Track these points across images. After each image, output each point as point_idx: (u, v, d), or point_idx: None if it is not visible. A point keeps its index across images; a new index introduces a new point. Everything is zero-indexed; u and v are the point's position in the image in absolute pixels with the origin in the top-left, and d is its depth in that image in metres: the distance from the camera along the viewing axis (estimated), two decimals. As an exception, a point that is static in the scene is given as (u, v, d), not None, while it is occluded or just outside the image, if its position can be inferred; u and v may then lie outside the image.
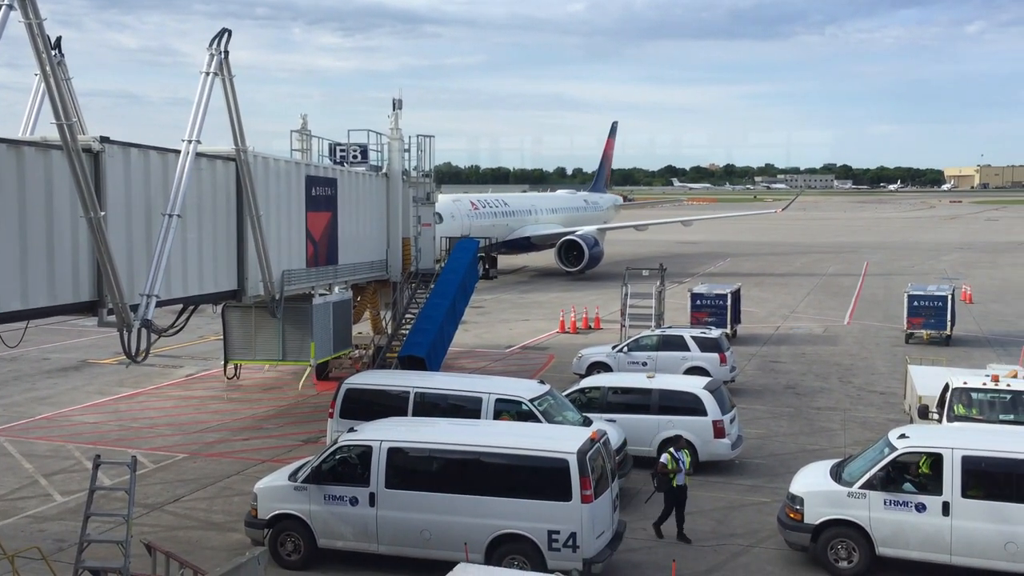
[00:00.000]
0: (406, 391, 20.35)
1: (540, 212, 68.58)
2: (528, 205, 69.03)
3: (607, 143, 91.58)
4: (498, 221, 61.55)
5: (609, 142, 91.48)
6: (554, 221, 68.48)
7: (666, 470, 17.16)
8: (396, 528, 15.57)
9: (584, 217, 73.96)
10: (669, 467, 17.15)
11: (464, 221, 55.93)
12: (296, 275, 24.97)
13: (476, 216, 58.62)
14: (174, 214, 18.41)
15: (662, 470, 17.22)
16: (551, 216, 69.34)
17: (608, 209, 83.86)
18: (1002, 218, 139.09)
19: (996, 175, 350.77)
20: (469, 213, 57.94)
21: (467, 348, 35.65)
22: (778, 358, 34.26)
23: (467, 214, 57.46)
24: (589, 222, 71.13)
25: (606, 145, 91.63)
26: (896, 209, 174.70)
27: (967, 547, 15.17)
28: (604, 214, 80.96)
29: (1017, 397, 19.93)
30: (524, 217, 65.44)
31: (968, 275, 59.46)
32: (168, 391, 29.25)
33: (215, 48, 19.75)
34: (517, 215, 64.62)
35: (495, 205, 63.30)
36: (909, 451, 15.85)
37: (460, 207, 57.43)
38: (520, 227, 64.02)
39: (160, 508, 18.88)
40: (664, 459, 17.29)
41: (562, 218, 70.24)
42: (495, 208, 62.69)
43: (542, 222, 67.13)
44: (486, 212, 60.84)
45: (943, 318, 36.02)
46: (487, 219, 60.10)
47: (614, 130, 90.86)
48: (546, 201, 76.21)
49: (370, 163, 30.48)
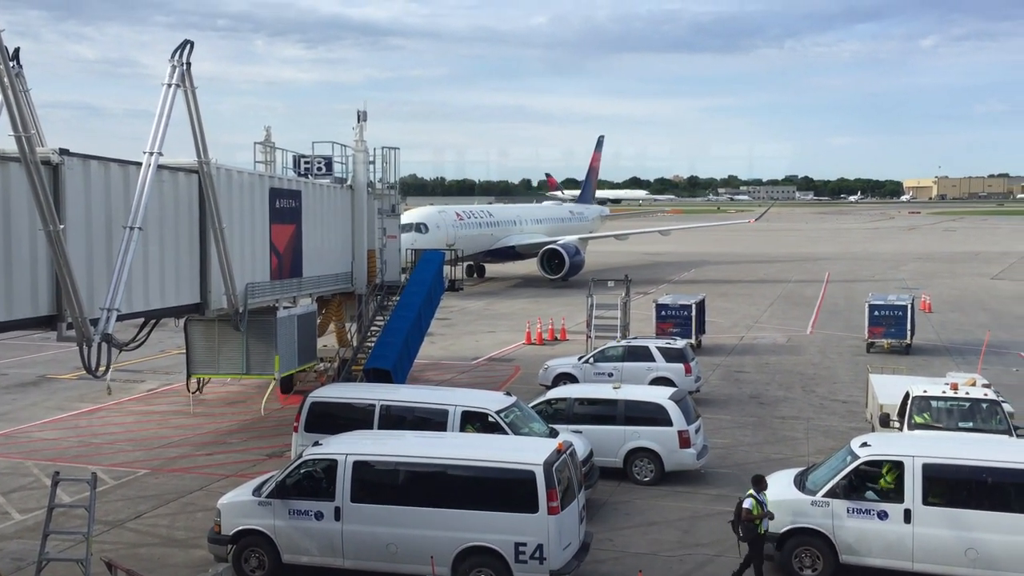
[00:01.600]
0: (372, 404, 20.25)
1: (525, 222, 70.60)
2: (513, 216, 71.05)
3: (593, 156, 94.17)
4: (483, 231, 63.60)
5: (595, 155, 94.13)
6: (539, 231, 70.34)
7: (751, 516, 15.45)
8: (362, 542, 15.46)
9: (569, 227, 75.94)
10: (755, 512, 15.47)
11: (449, 231, 57.34)
12: (260, 288, 24.79)
13: (461, 226, 60.21)
14: (135, 227, 18.22)
15: (747, 517, 15.45)
16: (536, 226, 71.24)
17: (594, 219, 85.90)
18: (959, 229, 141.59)
19: (953, 186, 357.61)
20: (454, 223, 59.46)
21: (433, 360, 35.56)
22: (742, 368, 34.55)
23: (452, 224, 58.98)
24: (574, 232, 73.25)
25: (592, 158, 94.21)
26: (856, 220, 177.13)
27: (928, 554, 15.37)
28: (590, 224, 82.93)
29: (975, 405, 20.26)
30: (509, 227, 67.36)
31: (927, 285, 60.42)
32: (129, 406, 28.84)
33: (177, 60, 19.62)
34: (502, 225, 66.56)
35: (480, 216, 65.25)
36: (871, 459, 16.05)
37: (445, 218, 59.00)
38: (505, 237, 65.83)
39: (121, 525, 18.58)
40: (749, 504, 15.53)
41: (547, 228, 72.10)
42: (480, 219, 64.58)
43: (527, 232, 69.04)
44: (471, 223, 62.57)
45: (903, 327, 36.55)
46: (472, 229, 62.04)
47: (600, 143, 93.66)
48: (531, 212, 78.09)
49: (335, 175, 30.37)
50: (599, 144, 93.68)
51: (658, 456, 21.01)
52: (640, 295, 49.64)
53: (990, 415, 19.99)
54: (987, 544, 15.05)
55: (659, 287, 58.18)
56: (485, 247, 63.88)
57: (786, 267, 76.88)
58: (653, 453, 21.04)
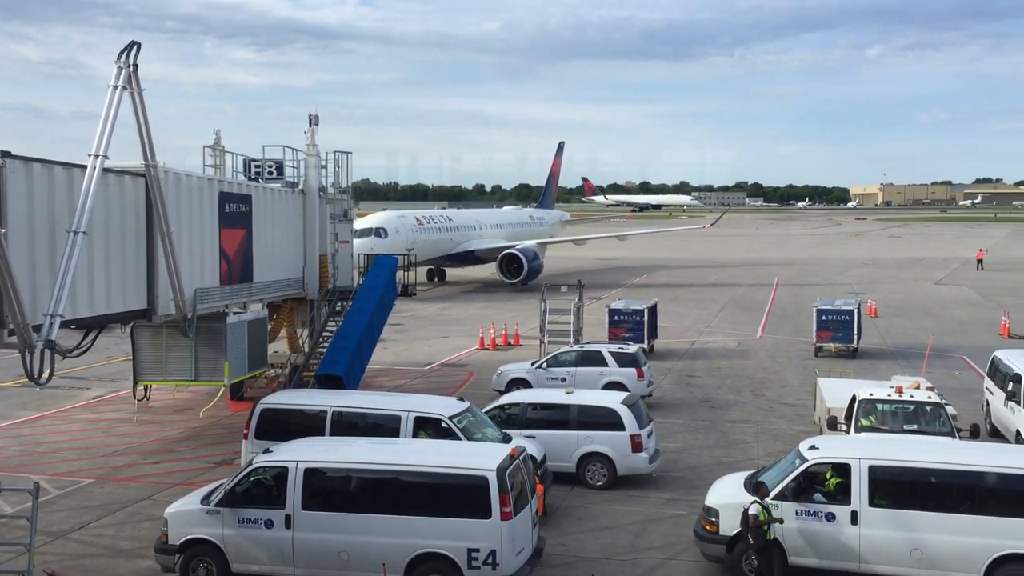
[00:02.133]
0: (323, 410, 20.07)
1: (485, 227, 71.33)
2: (473, 220, 71.76)
3: (554, 161, 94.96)
4: (443, 236, 64.26)
5: (556, 160, 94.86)
6: (499, 236, 71.00)
7: (759, 522, 15.28)
8: (313, 550, 15.31)
9: (529, 232, 76.48)
10: (762, 518, 15.31)
11: (409, 236, 57.76)
12: (209, 293, 24.45)
13: (421, 231, 60.95)
14: (80, 231, 17.85)
15: (755, 523, 15.26)
16: (496, 231, 72.00)
17: (554, 225, 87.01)
18: (904, 235, 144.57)
19: (899, 193, 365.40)
20: (414, 228, 60.18)
21: (386, 366, 35.36)
22: (694, 372, 34.87)
23: (412, 229, 59.75)
24: (534, 237, 73.82)
25: (552, 163, 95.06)
26: (805, 226, 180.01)
27: (875, 555, 15.63)
28: (550, 229, 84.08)
29: (919, 408, 20.68)
30: (468, 232, 67.96)
31: (873, 290, 61.54)
32: (74, 414, 28.24)
33: (123, 61, 19.29)
34: (462, 230, 67.20)
35: (440, 221, 66.07)
36: (819, 462, 16.28)
37: (405, 222, 59.76)
38: (465, 241, 66.50)
39: (65, 536, 18.18)
40: (755, 510, 15.31)
41: (506, 233, 72.74)
42: (440, 223, 65.37)
43: (487, 237, 69.66)
44: (431, 227, 63.30)
45: (850, 332, 37.17)
46: (432, 234, 62.71)
47: (560, 149, 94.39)
48: (491, 217, 79.09)
49: (286, 179, 30.06)
50: (559, 150, 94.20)
51: (611, 460, 21.11)
52: (593, 300, 49.87)
53: (934, 418, 20.42)
54: (931, 544, 15.35)
55: (612, 292, 58.52)
56: (445, 251, 64.51)
57: (736, 272, 77.81)
58: (606, 457, 21.14)
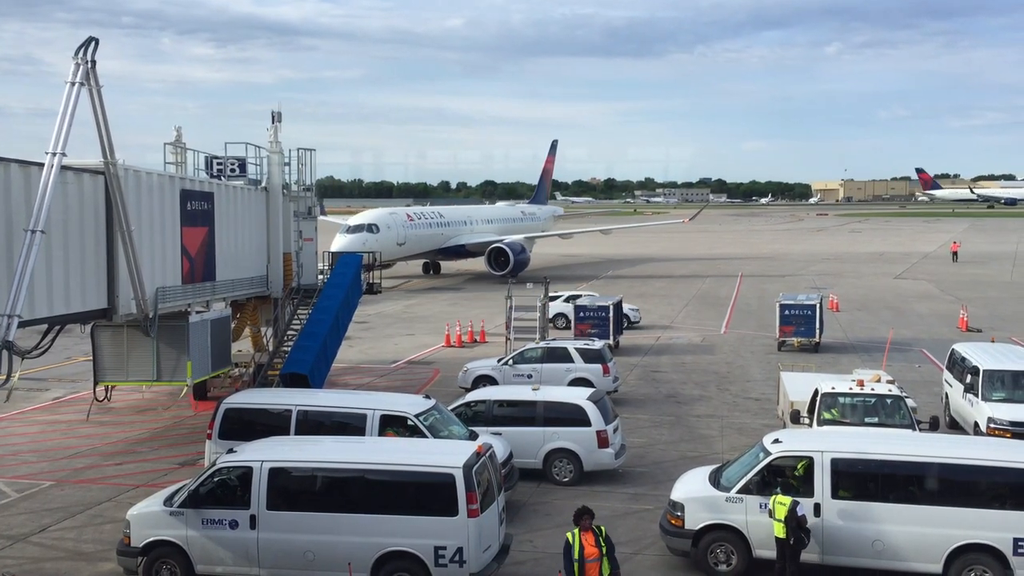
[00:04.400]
0: (288, 410, 19.96)
1: (475, 223, 74.51)
2: (464, 216, 75.32)
3: (547, 159, 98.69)
4: (434, 231, 67.78)
5: (549, 158, 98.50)
6: (490, 231, 73.78)
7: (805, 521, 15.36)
8: (278, 550, 15.21)
9: (520, 227, 79.59)
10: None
11: (400, 231, 61.60)
12: (171, 292, 24.18)
13: (412, 227, 64.23)
14: (37, 230, 17.59)
15: (804, 523, 15.33)
16: (486, 226, 75.04)
17: (546, 220, 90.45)
18: (864, 230, 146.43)
19: (859, 189, 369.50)
20: (405, 224, 63.31)
21: (351, 364, 35.19)
22: (659, 368, 35.09)
23: (403, 224, 62.92)
24: (525, 231, 77.27)
25: (546, 161, 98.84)
26: (767, 222, 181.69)
27: (837, 546, 15.83)
28: (542, 224, 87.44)
29: (880, 401, 20.97)
30: (459, 227, 71.24)
31: (835, 285, 62.30)
32: (33, 416, 27.79)
33: (81, 57, 19.02)
34: (452, 225, 70.49)
35: (431, 217, 69.52)
36: (782, 455, 16.45)
37: (396, 219, 62.88)
38: (456, 236, 69.77)
39: (24, 539, 17.90)
40: (801, 510, 15.31)
41: (497, 228, 75.82)
42: (430, 219, 68.75)
43: (477, 231, 72.55)
44: (421, 223, 66.58)
45: (812, 326, 37.61)
46: (423, 229, 66.08)
47: (554, 147, 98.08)
48: (482, 212, 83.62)
49: (249, 177, 29.81)
50: (552, 148, 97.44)
51: (577, 456, 21.18)
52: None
53: (894, 410, 20.72)
54: (892, 536, 15.58)
55: (578, 287, 58.67)
56: (436, 246, 67.90)
57: (700, 267, 78.40)
58: (572, 453, 21.21)
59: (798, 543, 15.44)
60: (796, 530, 15.36)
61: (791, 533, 15.36)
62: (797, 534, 15.38)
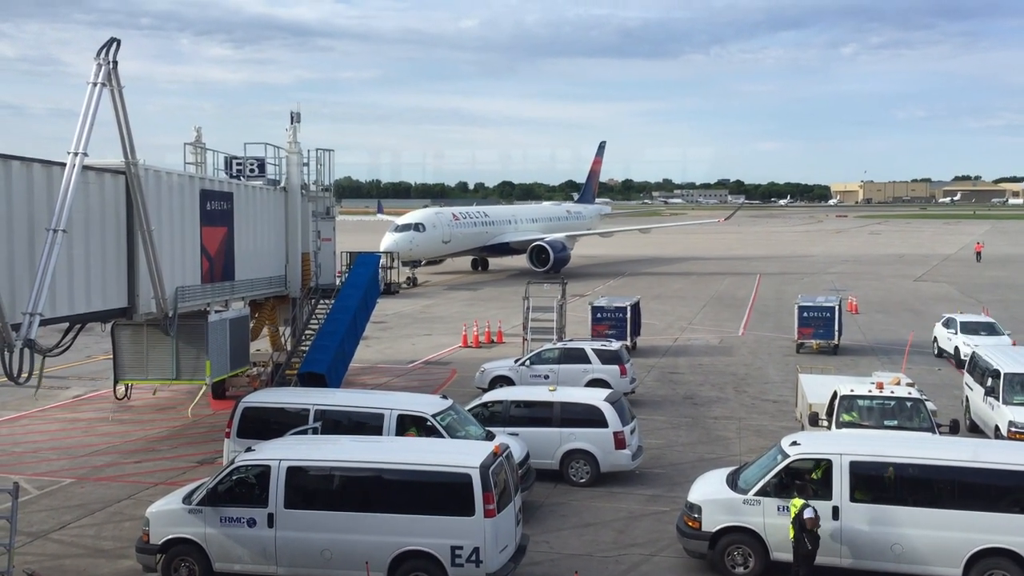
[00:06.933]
0: (306, 409, 20.01)
1: (520, 221, 77.68)
2: (508, 215, 78.98)
3: (594, 160, 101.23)
4: (479, 230, 70.99)
5: (596, 160, 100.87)
6: (534, 229, 76.71)
7: (816, 523, 15.18)
8: (295, 549, 15.27)
9: (564, 225, 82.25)
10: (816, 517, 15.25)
11: (445, 230, 64.90)
12: (190, 291, 24.33)
13: (457, 225, 67.32)
14: (59, 229, 17.75)
15: (812, 524, 15.13)
16: (531, 225, 78.15)
17: (592, 218, 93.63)
18: (884, 232, 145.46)
19: (879, 190, 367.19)
20: (450, 223, 66.36)
21: (369, 364, 35.27)
22: (676, 369, 34.99)
23: (448, 223, 66.00)
24: (570, 230, 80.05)
25: (593, 162, 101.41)
26: (786, 223, 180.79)
27: (855, 549, 15.74)
28: (588, 223, 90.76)
29: (900, 403, 20.84)
30: (504, 226, 74.25)
31: (854, 287, 61.90)
32: (54, 413, 28.02)
33: (103, 58, 19.17)
34: (497, 224, 73.77)
35: (476, 216, 72.92)
36: (800, 458, 16.37)
37: (442, 218, 66.09)
38: (500, 234, 72.92)
39: (45, 536, 18.05)
40: (810, 513, 15.14)
41: (542, 226, 78.49)
42: (475, 219, 72.18)
43: (521, 230, 75.46)
44: (466, 222, 69.70)
45: (831, 328, 37.39)
46: (468, 228, 69.26)
47: (601, 148, 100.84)
48: (527, 212, 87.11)
49: (268, 177, 29.96)
50: (600, 150, 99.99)
51: (594, 457, 21.15)
52: (576, 297, 49.92)
53: (914, 413, 20.59)
54: (912, 539, 15.47)
55: (595, 289, 58.61)
56: (481, 243, 71.11)
57: (719, 269, 78.10)
58: (589, 454, 21.18)
59: (799, 544, 15.36)
60: (799, 532, 15.28)
61: (800, 536, 15.28)
62: (799, 536, 15.31)
